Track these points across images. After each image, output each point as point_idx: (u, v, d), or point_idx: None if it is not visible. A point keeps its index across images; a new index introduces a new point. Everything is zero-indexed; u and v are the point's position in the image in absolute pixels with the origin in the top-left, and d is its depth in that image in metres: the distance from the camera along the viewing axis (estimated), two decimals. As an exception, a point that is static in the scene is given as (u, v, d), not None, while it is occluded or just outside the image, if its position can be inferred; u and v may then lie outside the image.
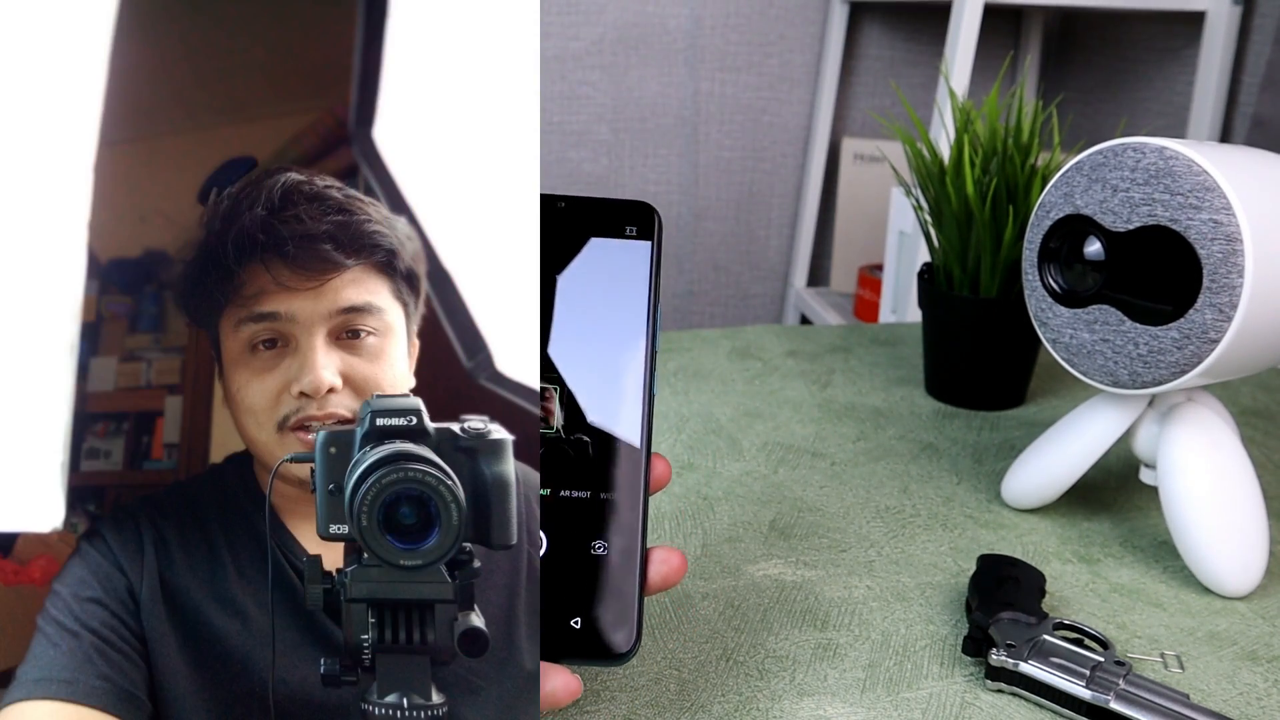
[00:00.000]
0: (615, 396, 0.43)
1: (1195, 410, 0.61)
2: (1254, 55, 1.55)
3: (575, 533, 0.42)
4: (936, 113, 1.48)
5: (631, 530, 0.42)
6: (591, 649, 0.40)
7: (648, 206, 0.45)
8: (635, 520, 0.42)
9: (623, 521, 0.42)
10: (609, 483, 0.42)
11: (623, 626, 0.40)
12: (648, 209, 0.45)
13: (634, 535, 0.42)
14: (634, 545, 0.42)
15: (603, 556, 0.41)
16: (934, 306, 0.85)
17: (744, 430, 0.81)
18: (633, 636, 0.40)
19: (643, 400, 0.43)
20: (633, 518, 0.42)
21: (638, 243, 0.44)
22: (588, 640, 0.40)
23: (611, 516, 0.42)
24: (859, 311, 1.86)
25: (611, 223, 0.45)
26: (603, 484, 0.42)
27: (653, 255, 0.44)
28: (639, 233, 0.45)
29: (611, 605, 0.41)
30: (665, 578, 0.42)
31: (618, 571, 0.41)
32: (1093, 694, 0.47)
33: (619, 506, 0.42)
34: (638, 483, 0.42)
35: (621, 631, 0.40)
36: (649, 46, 1.89)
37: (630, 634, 0.40)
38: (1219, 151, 0.55)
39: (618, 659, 0.40)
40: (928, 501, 0.70)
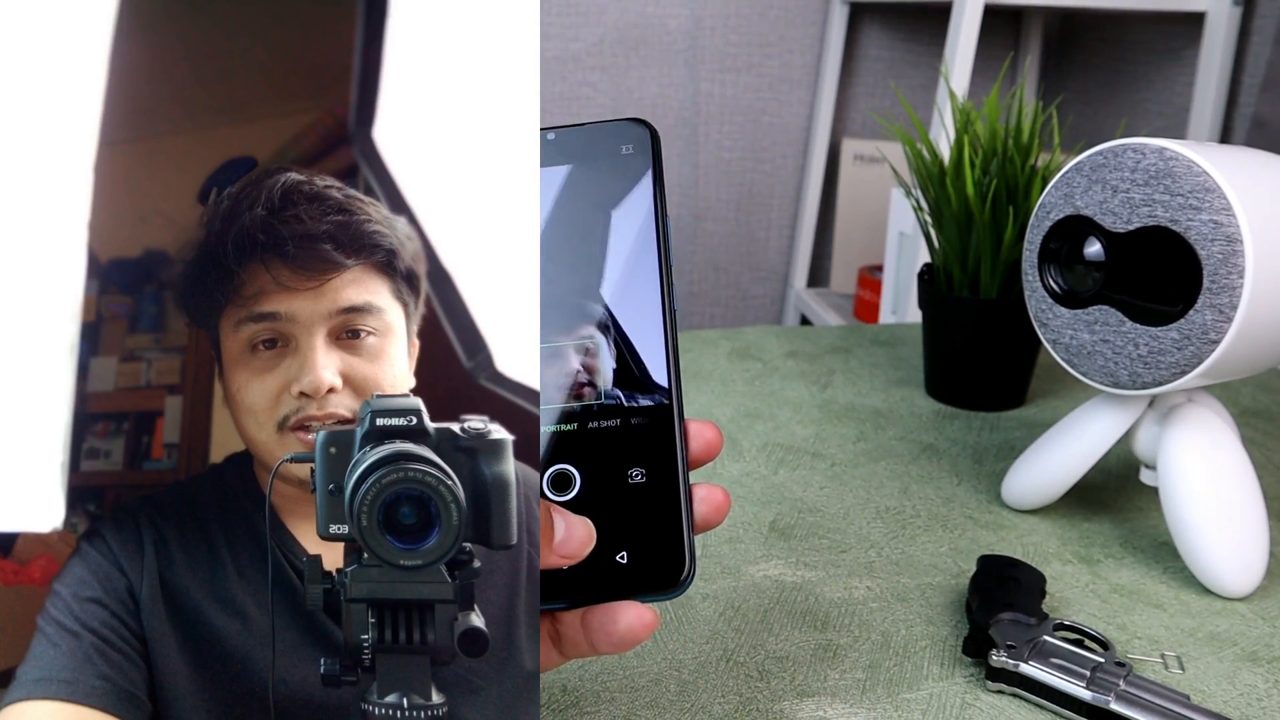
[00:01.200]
0: (642, 332, 0.41)
1: (1195, 411, 0.61)
2: (1254, 56, 1.55)
3: (608, 462, 0.40)
4: (936, 113, 1.48)
5: (668, 452, 0.40)
6: (643, 583, 0.38)
7: (643, 122, 0.44)
8: (671, 441, 0.40)
9: (657, 444, 0.40)
10: (638, 409, 0.40)
11: (673, 555, 0.39)
12: (643, 124, 0.44)
13: (671, 457, 0.40)
14: (673, 467, 0.40)
15: (640, 485, 0.40)
16: (934, 307, 0.85)
17: (744, 431, 0.81)
18: (685, 565, 0.38)
19: (663, 323, 0.41)
20: (667, 439, 0.40)
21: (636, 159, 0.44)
22: (638, 574, 0.38)
23: (645, 440, 0.40)
24: (859, 312, 1.86)
25: (607, 144, 0.44)
26: (632, 411, 0.40)
27: (655, 175, 0.43)
28: (634, 150, 0.44)
29: (657, 535, 0.39)
30: (706, 517, 0.40)
31: (659, 499, 0.39)
32: (1093, 695, 0.47)
33: (651, 430, 0.40)
34: (669, 405, 0.40)
35: (672, 561, 0.38)
36: (649, 47, 1.89)
37: (683, 563, 0.38)
38: (1219, 152, 0.55)
39: (671, 591, 0.38)
40: (928, 502, 0.70)
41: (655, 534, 0.39)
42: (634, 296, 0.42)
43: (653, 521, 0.39)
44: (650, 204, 0.43)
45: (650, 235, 0.43)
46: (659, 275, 0.42)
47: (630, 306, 0.42)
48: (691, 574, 0.39)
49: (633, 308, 0.42)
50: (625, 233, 0.43)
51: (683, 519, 0.39)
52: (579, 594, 0.39)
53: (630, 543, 0.39)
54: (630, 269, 0.43)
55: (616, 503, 0.40)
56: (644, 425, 0.41)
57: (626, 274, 0.43)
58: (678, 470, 0.40)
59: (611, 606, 0.38)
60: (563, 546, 0.38)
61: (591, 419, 0.41)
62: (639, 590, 0.38)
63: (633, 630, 0.37)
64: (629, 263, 0.43)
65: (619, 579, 0.39)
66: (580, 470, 0.40)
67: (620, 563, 0.39)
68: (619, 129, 0.44)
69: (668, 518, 0.39)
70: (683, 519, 0.39)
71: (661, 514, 0.39)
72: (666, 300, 0.42)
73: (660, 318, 0.42)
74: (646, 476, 0.40)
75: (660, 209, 0.43)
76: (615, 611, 0.37)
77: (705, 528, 0.40)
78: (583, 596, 0.39)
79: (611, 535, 0.39)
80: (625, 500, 0.40)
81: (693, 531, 0.39)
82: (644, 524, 0.39)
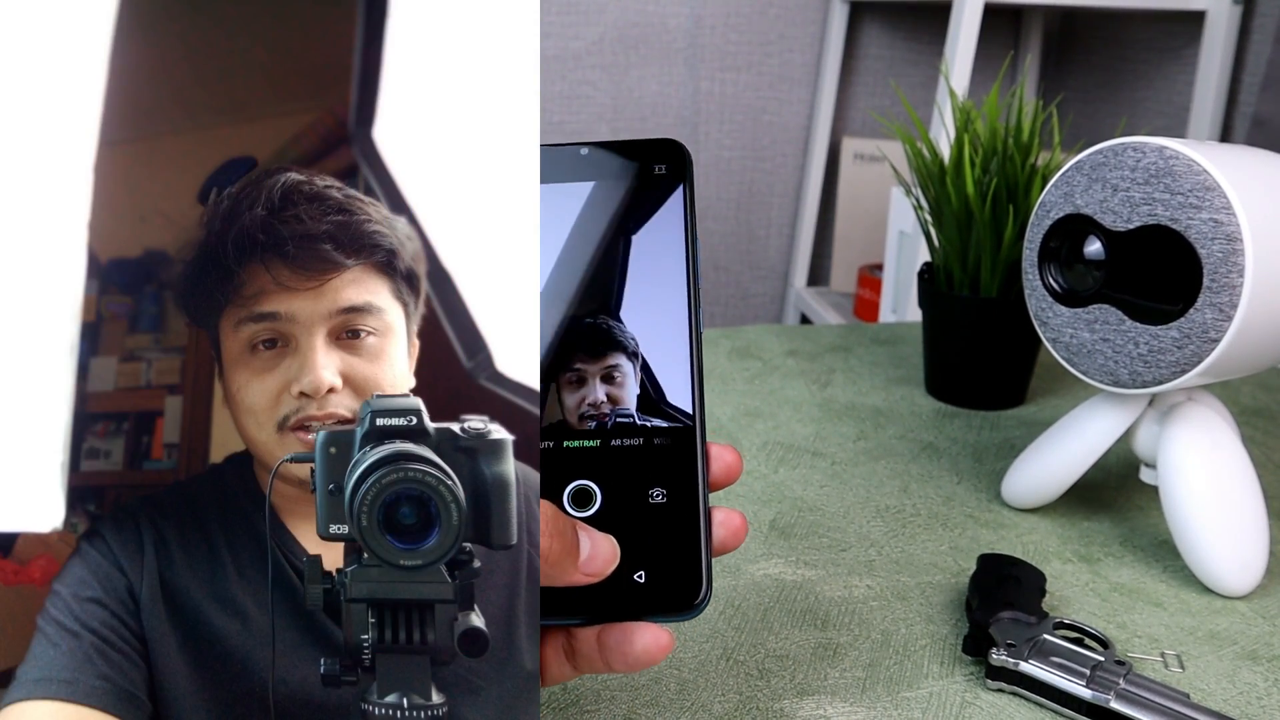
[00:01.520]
0: (668, 355, 0.42)
1: (1195, 410, 0.61)
2: (1254, 55, 1.55)
3: (630, 480, 0.40)
4: (936, 112, 1.48)
5: (689, 474, 0.40)
6: (658, 603, 0.38)
7: (676, 143, 0.43)
8: (693, 463, 0.40)
9: (679, 465, 0.40)
10: (661, 430, 0.41)
11: (690, 577, 0.38)
12: (677, 146, 0.43)
13: (692, 479, 0.40)
14: (694, 488, 0.40)
15: (661, 505, 0.40)
16: (934, 306, 0.85)
17: (744, 430, 0.81)
18: (702, 588, 0.38)
19: (689, 346, 0.41)
20: (689, 461, 0.40)
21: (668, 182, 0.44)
22: (654, 594, 0.38)
23: (666, 461, 0.40)
24: (859, 311, 1.86)
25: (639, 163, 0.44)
26: (655, 431, 0.41)
27: (686, 197, 0.43)
28: (667, 171, 0.44)
29: (675, 556, 0.39)
30: (724, 540, 0.40)
31: (679, 520, 0.39)
32: (1093, 693, 0.47)
33: (673, 450, 0.40)
34: (691, 427, 0.41)
35: (689, 583, 0.38)
36: (649, 46, 1.89)
37: (700, 585, 0.38)
38: (1219, 151, 0.55)
39: (687, 613, 0.38)
40: (928, 501, 0.70)
41: (673, 555, 0.39)
42: (662, 319, 0.42)
43: (671, 542, 0.39)
44: (681, 225, 0.43)
45: (680, 257, 0.43)
46: (687, 298, 0.42)
47: (658, 329, 0.42)
48: (708, 597, 0.39)
49: (660, 330, 0.42)
50: (655, 254, 0.43)
51: (701, 542, 0.39)
52: (595, 611, 0.39)
53: (648, 562, 0.39)
54: (659, 290, 0.43)
55: (636, 522, 0.40)
56: (666, 446, 0.41)
57: (655, 295, 0.43)
58: (698, 492, 0.40)
59: (628, 627, 0.38)
60: (588, 565, 0.37)
61: (614, 436, 0.41)
62: (654, 610, 0.38)
63: (649, 652, 0.37)
64: (657, 284, 0.43)
65: (635, 598, 0.39)
66: (601, 487, 0.40)
67: (638, 582, 0.39)
68: (653, 147, 0.44)
69: (687, 539, 0.39)
70: (701, 542, 0.39)
71: (680, 535, 0.39)
72: (693, 323, 0.42)
73: (687, 340, 0.42)
74: (667, 497, 0.40)
75: (691, 231, 0.43)
76: (631, 632, 0.37)
77: (722, 551, 0.40)
78: (598, 614, 0.38)
79: (630, 554, 0.39)
80: (645, 520, 0.40)
81: (711, 554, 0.39)
82: (663, 544, 0.39)
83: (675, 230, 0.43)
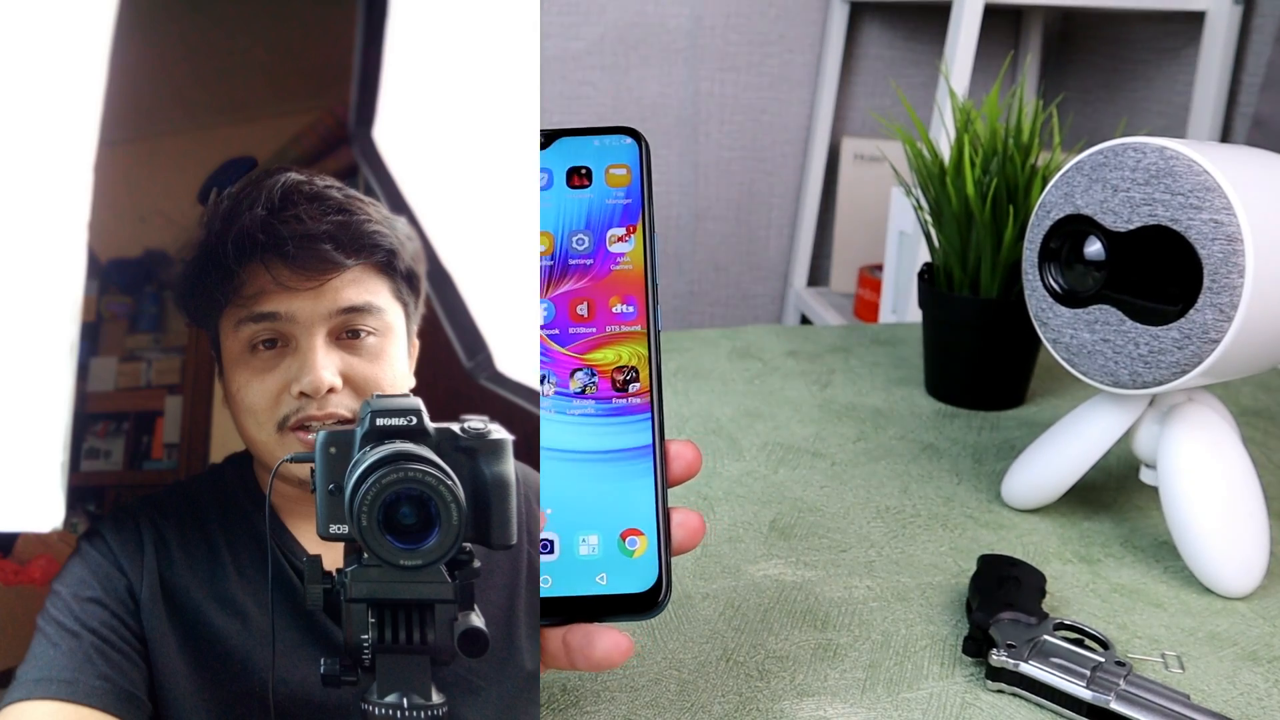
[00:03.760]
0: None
1: (1196, 410, 0.61)
2: (1254, 55, 1.55)
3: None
4: (936, 113, 1.48)
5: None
6: (621, 604, 0.39)
7: (633, 132, 0.44)
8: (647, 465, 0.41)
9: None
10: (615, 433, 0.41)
11: (650, 578, 0.39)
12: (634, 134, 0.44)
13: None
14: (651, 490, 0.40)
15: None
16: (934, 306, 0.85)
17: (744, 430, 0.81)
18: (662, 587, 0.39)
19: (649, 340, 0.42)
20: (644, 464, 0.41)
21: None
22: (617, 595, 0.39)
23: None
24: (859, 311, 1.86)
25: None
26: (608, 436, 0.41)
27: (642, 180, 0.43)
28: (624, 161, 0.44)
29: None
30: (681, 542, 0.41)
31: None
32: (1093, 694, 0.47)
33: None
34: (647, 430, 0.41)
35: (649, 583, 0.39)
36: (649, 46, 1.89)
37: (660, 585, 0.39)
38: (1219, 151, 0.55)
39: (649, 612, 0.39)
40: (928, 501, 0.70)
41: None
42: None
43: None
44: (638, 217, 0.43)
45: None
46: (645, 291, 0.42)
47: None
48: (668, 596, 0.40)
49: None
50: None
51: (659, 543, 0.40)
52: (558, 611, 0.40)
53: (609, 564, 0.40)
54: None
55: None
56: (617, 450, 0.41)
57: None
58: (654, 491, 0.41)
59: (590, 630, 0.39)
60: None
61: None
62: (617, 610, 0.39)
63: (609, 656, 0.38)
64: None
65: (598, 599, 0.40)
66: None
67: (599, 583, 0.40)
68: (610, 135, 0.44)
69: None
70: (659, 543, 0.40)
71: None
72: (651, 321, 0.42)
73: (647, 338, 0.42)
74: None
75: (648, 223, 0.43)
76: (593, 636, 0.38)
77: (680, 551, 0.41)
78: (562, 614, 0.39)
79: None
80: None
81: (670, 555, 0.40)
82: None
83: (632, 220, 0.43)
